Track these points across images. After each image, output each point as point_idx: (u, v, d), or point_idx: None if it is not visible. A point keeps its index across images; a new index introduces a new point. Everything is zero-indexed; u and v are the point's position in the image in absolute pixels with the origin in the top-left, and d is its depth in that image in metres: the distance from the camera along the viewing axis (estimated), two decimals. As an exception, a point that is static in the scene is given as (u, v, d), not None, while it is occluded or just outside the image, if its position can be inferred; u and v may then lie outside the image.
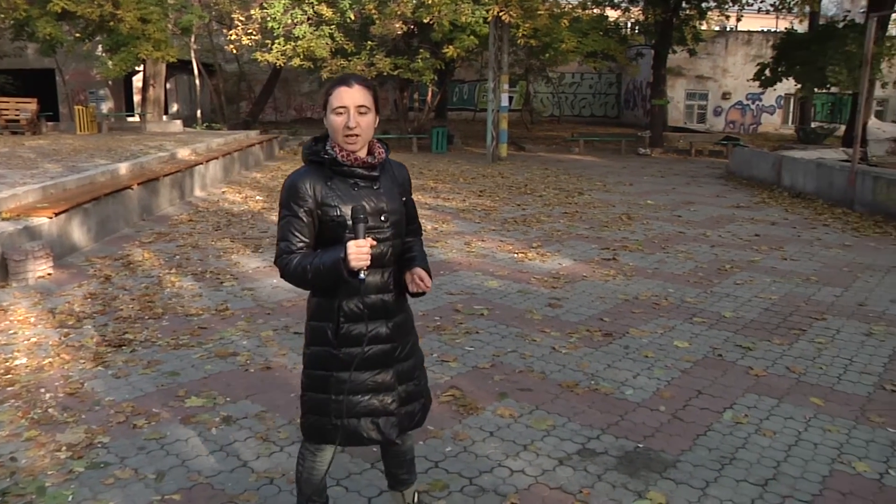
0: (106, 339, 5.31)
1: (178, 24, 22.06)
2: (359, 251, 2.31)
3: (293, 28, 20.61)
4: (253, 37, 22.12)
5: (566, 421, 4.07)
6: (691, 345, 5.37)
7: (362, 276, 2.36)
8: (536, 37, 19.32)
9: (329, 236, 2.44)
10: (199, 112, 25.84)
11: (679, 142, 25.57)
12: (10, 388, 4.41)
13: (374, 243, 2.40)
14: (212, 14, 25.92)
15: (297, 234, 2.43)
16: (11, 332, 5.46)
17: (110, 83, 27.86)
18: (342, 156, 2.45)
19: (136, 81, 28.33)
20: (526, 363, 4.96)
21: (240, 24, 22.35)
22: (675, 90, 34.15)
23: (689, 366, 4.96)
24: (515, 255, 8.28)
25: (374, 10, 19.92)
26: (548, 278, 7.26)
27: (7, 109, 20.76)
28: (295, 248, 2.43)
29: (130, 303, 6.23)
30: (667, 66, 26.91)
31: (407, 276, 2.57)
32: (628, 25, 28.19)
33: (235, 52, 24.39)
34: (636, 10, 27.45)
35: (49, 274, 7.06)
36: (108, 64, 19.89)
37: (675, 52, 27.45)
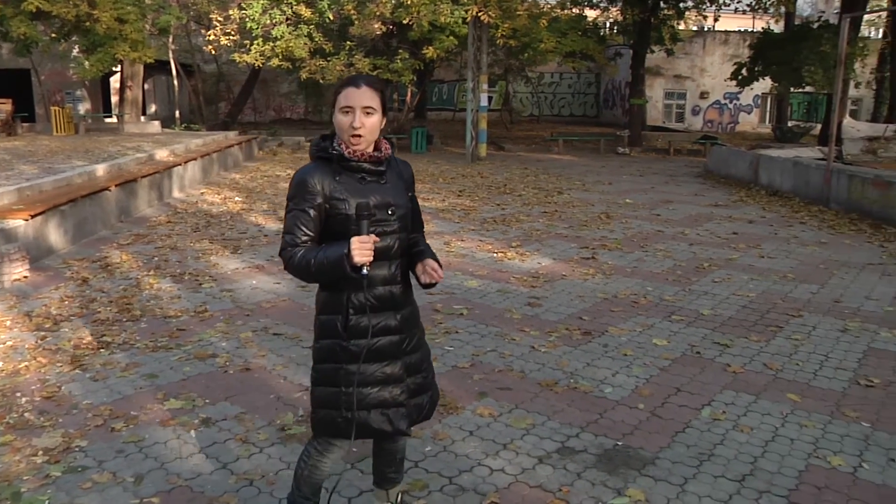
0: (84, 341, 5.26)
1: (155, 25, 21.90)
2: (362, 247, 2.37)
3: (272, 28, 20.52)
4: (231, 37, 21.99)
5: (545, 419, 4.09)
6: (670, 342, 5.42)
7: (365, 271, 2.40)
8: (515, 37, 19.38)
9: (338, 230, 2.48)
10: (177, 113, 25.67)
11: (658, 141, 25.74)
12: (-15, 393, 4.36)
13: (377, 239, 2.45)
14: (190, 14, 25.74)
15: (303, 227, 2.47)
16: (-13, 335, 5.39)
17: (87, 84, 27.61)
18: (349, 152, 2.51)
19: (114, 82, 28.09)
20: (505, 362, 4.98)
21: (218, 24, 22.20)
22: (654, 90, 34.40)
23: (667, 363, 5.00)
24: (495, 254, 8.31)
25: (352, 11, 19.89)
26: (527, 277, 7.28)
27: (-18, 110, 20.53)
28: (300, 242, 2.47)
29: (108, 305, 6.18)
30: (645, 66, 27.10)
31: (419, 268, 2.61)
32: (607, 25, 28.35)
33: (214, 52, 24.24)
34: (615, 10, 27.61)
35: (25, 277, 6.98)
36: (85, 64, 19.71)
37: (653, 52, 27.64)
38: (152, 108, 31.62)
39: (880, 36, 31.65)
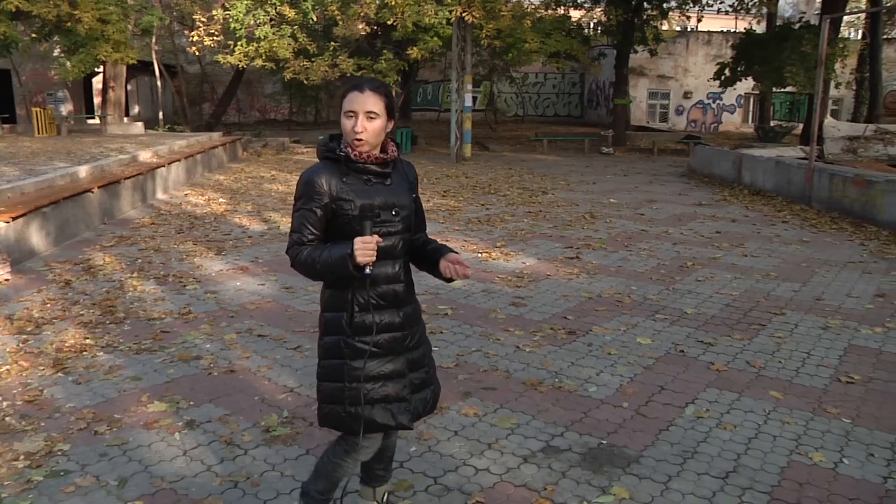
0: (66, 344, 5.22)
1: (138, 25, 21.73)
2: (365, 247, 2.42)
3: (255, 29, 20.43)
4: (215, 38, 21.88)
5: (530, 419, 4.11)
6: (654, 341, 5.44)
7: (368, 270, 2.46)
8: (500, 37, 19.42)
9: (344, 229, 2.53)
10: (160, 114, 25.52)
11: (642, 141, 25.88)
12: (-34, 397, 4.32)
13: (380, 240, 2.50)
14: (173, 15, 25.61)
15: (310, 226, 2.54)
16: (-33, 339, 5.34)
17: (69, 84, 27.36)
18: (355, 154, 2.56)
19: (97, 83, 27.85)
20: (490, 362, 4.99)
21: (202, 25, 22.09)
22: (638, 90, 34.56)
23: (651, 362, 5.03)
24: (479, 254, 8.32)
25: (336, 12, 19.84)
26: (512, 277, 7.30)
27: (-39, 112, 20.33)
28: (306, 241, 2.54)
29: (91, 308, 6.13)
30: (629, 66, 27.24)
31: (442, 264, 2.68)
32: (591, 26, 28.46)
33: (198, 53, 24.13)
34: (598, 10, 27.73)
35: (6, 280, 6.92)
36: (67, 65, 19.53)
37: (636, 52, 27.77)
38: (135, 110, 31.42)
39: (860, 37, 32.02)
